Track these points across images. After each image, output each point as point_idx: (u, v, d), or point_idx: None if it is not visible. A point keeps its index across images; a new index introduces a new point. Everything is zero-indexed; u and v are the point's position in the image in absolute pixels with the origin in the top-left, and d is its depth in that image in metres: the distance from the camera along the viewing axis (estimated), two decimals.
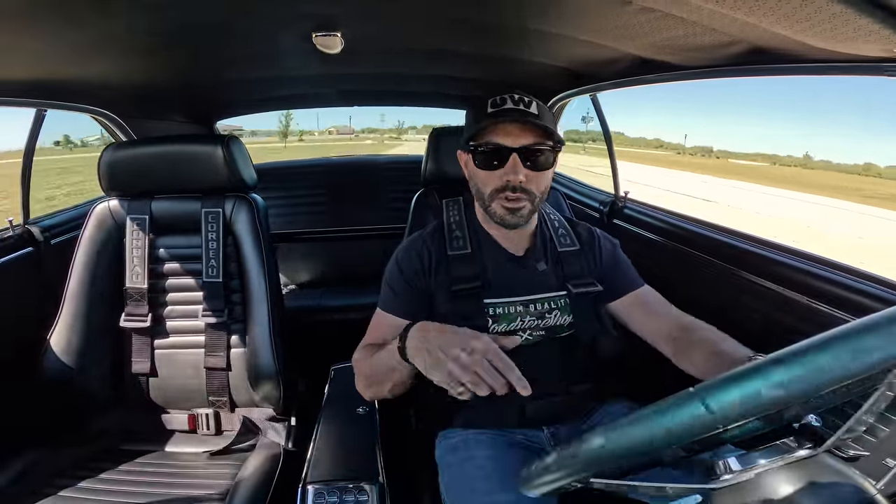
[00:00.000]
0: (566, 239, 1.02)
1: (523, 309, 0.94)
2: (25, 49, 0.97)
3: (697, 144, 76.48)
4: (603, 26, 0.98)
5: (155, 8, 0.89)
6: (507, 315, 0.94)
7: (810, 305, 0.97)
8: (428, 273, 0.96)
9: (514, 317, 0.94)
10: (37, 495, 0.99)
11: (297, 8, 0.97)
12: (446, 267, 0.96)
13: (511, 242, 0.98)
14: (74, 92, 1.40)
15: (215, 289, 1.27)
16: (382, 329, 0.95)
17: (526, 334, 0.94)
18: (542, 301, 0.96)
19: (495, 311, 0.94)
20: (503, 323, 0.94)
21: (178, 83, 1.61)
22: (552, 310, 0.96)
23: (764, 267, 1.10)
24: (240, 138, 1.32)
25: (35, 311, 1.34)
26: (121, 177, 1.26)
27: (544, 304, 0.96)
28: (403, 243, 1.02)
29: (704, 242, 1.30)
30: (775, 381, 0.34)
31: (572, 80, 1.57)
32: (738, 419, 0.36)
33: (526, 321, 0.94)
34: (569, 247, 1.01)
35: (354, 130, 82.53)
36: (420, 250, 0.98)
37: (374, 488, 0.83)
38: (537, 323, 0.95)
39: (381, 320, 0.97)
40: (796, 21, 0.66)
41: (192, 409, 1.30)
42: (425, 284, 0.96)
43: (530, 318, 0.95)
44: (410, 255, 0.97)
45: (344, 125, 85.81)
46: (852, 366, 0.33)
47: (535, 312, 0.95)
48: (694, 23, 0.83)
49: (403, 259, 0.98)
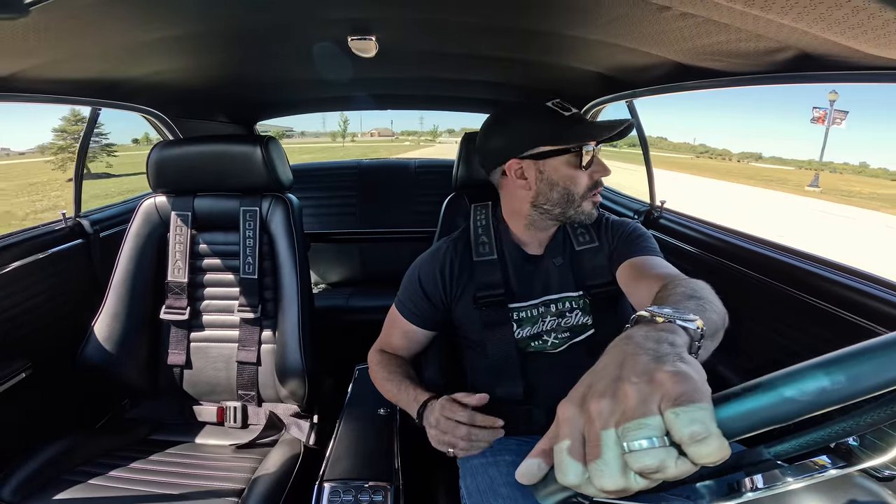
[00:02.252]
0: (585, 236, 0.99)
1: (544, 309, 0.94)
2: (84, 50, 1.02)
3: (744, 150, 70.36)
4: (640, 32, 0.96)
5: (208, 10, 0.93)
6: (529, 318, 0.94)
7: (856, 322, 0.92)
8: (449, 286, 0.97)
9: (535, 319, 0.94)
10: (68, 480, 1.04)
11: (333, 12, 1.00)
12: (470, 274, 0.96)
13: (535, 243, 0.98)
14: (127, 91, 1.47)
15: (251, 285, 1.31)
16: (396, 331, 1.01)
17: (552, 337, 0.94)
18: (561, 301, 0.95)
19: (519, 316, 0.93)
20: (527, 326, 0.93)
21: (223, 84, 1.68)
22: (573, 309, 0.95)
23: (808, 281, 1.05)
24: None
25: (82, 300, 1.43)
26: (167, 174, 1.32)
27: (563, 303, 0.95)
28: (427, 253, 1.03)
29: (745, 255, 1.25)
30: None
31: (608, 86, 1.54)
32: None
33: (547, 321, 0.94)
34: (587, 244, 0.98)
35: (394, 133, 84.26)
36: (442, 263, 0.98)
37: (390, 489, 0.84)
38: (558, 322, 0.94)
39: (395, 320, 1.02)
40: (848, 27, 0.62)
41: (221, 401, 1.34)
42: (445, 299, 0.97)
43: (551, 318, 0.94)
44: (433, 269, 0.98)
45: (385, 128, 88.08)
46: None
47: (555, 312, 0.94)
48: (738, 29, 0.80)
49: (425, 273, 0.99)
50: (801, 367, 0.32)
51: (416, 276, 0.99)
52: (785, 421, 0.32)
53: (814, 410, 0.32)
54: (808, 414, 0.32)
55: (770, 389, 0.32)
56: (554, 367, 0.94)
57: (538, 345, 0.94)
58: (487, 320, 0.93)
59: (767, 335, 1.13)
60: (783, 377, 0.33)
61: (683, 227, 1.53)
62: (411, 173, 2.58)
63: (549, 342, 0.94)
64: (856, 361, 0.31)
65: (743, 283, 1.22)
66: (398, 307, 1.01)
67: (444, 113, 19.88)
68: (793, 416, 0.32)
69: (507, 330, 0.92)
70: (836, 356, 0.32)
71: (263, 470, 1.11)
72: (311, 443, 1.26)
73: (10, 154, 35.08)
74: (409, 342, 1.01)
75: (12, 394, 1.16)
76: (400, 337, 1.01)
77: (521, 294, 0.95)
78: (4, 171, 22.88)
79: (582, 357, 0.95)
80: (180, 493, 1.03)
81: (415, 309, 0.98)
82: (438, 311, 0.98)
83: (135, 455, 1.16)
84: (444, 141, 62.18)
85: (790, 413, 0.32)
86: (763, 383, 0.33)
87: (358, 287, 2.40)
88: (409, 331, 1.00)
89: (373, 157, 5.20)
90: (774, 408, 0.32)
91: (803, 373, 0.32)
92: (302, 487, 1.05)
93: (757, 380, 0.33)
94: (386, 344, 1.03)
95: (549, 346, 0.94)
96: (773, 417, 0.32)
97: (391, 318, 1.02)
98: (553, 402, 0.98)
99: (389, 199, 2.50)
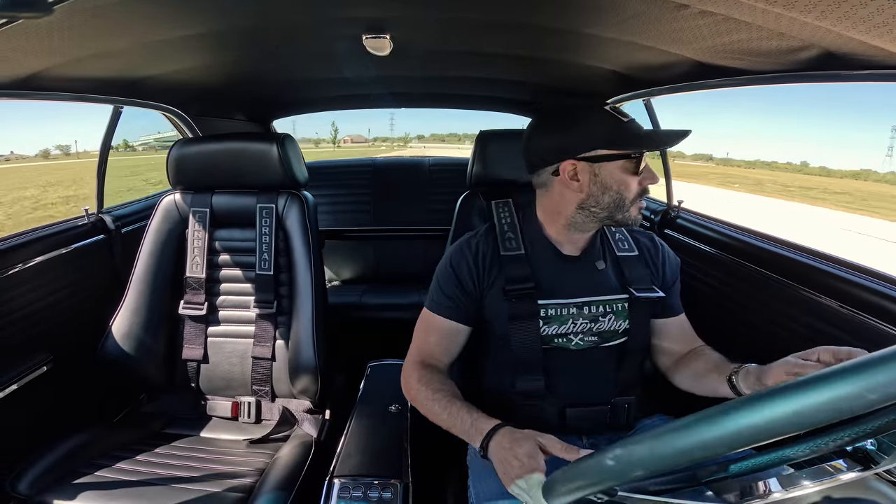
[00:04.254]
0: (624, 244, 1.00)
1: (577, 311, 0.93)
2: (107, 49, 1.04)
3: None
4: (657, 30, 0.95)
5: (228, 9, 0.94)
6: (558, 317, 0.93)
7: (880, 327, 0.90)
8: (481, 275, 0.96)
9: (566, 318, 0.93)
10: (84, 473, 1.07)
11: (348, 11, 1.00)
12: (499, 267, 0.96)
13: (570, 244, 0.97)
14: (148, 90, 1.50)
15: (266, 281, 1.33)
16: (434, 333, 0.96)
17: (577, 338, 0.93)
18: (599, 304, 0.94)
19: (547, 313, 0.93)
20: (554, 324, 0.93)
21: (240, 82, 1.70)
22: (607, 313, 0.94)
23: (830, 284, 1.03)
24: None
25: (103, 296, 1.46)
26: (186, 171, 1.35)
27: (600, 306, 0.94)
28: (456, 245, 1.01)
29: (763, 255, 1.23)
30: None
31: (624, 84, 1.52)
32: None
33: (578, 324, 0.93)
34: (627, 251, 0.99)
35: (367, 139, 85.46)
36: (475, 251, 0.97)
37: (400, 487, 0.84)
38: (590, 326, 0.94)
39: (431, 322, 0.96)
40: (873, 25, 0.61)
41: (235, 396, 1.37)
42: (477, 287, 0.96)
43: (583, 321, 0.93)
44: (465, 256, 0.97)
45: (358, 134, 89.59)
46: None
47: (588, 315, 0.94)
48: (759, 27, 0.79)
49: (457, 261, 0.97)
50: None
51: (449, 269, 0.97)
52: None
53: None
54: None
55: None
56: (573, 363, 0.94)
57: (562, 342, 0.94)
58: (515, 312, 0.92)
59: (788, 338, 1.10)
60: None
61: (701, 227, 1.51)
62: (425, 171, 2.59)
63: (574, 342, 0.94)
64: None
65: (762, 285, 1.19)
66: (432, 307, 0.97)
67: (417, 120, 19.30)
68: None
69: (533, 324, 0.92)
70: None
71: (275, 465, 1.12)
72: (322, 439, 1.27)
73: (70, 154, 36.10)
74: (449, 342, 0.96)
75: (34, 387, 1.19)
76: (438, 338, 0.96)
77: (550, 291, 0.94)
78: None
79: (606, 361, 0.96)
80: (193, 487, 1.05)
81: (451, 304, 0.95)
82: (472, 301, 0.96)
83: (149, 448, 1.19)
84: (413, 146, 69.33)
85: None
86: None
87: (371, 284, 2.42)
88: (445, 329, 0.95)
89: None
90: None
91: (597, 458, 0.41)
92: (313, 483, 1.06)
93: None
94: (422, 352, 0.96)
95: (573, 345, 0.94)
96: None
97: (424, 322, 0.98)
98: (568, 399, 0.99)
99: (403, 197, 2.51)
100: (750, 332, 1.17)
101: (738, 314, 1.25)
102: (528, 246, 0.97)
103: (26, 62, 0.98)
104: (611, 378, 0.96)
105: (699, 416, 0.35)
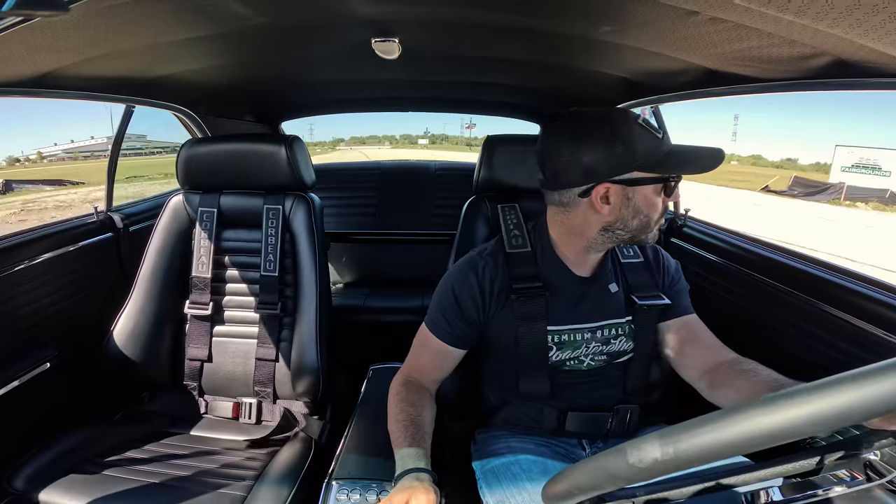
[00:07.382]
0: (629, 250, 0.99)
1: (590, 336, 0.92)
2: (121, 48, 1.05)
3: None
4: (667, 37, 0.94)
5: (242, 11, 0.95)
6: (571, 342, 0.92)
7: (888, 340, 0.88)
8: (487, 303, 0.92)
9: (579, 344, 0.92)
10: (81, 471, 1.06)
11: (358, 14, 1.01)
12: (507, 295, 0.91)
13: (584, 264, 0.93)
14: (159, 89, 1.51)
15: (271, 282, 1.33)
16: (427, 351, 0.94)
17: (588, 359, 0.93)
18: (609, 327, 0.93)
19: (560, 339, 0.91)
20: (567, 350, 0.92)
21: (250, 83, 1.71)
22: (617, 336, 0.93)
23: (837, 294, 1.02)
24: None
25: (110, 293, 1.47)
26: (194, 171, 1.36)
27: (611, 329, 0.93)
28: (460, 265, 0.96)
29: (770, 265, 1.22)
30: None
31: (633, 91, 1.51)
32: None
33: (591, 347, 0.93)
34: (632, 258, 0.98)
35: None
36: (481, 276, 0.92)
37: None
38: (601, 349, 0.93)
39: (426, 339, 0.94)
40: (886, 33, 0.60)
41: (237, 397, 1.36)
42: (482, 316, 0.92)
43: (595, 345, 0.93)
44: (469, 282, 0.92)
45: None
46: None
47: (600, 338, 0.93)
48: (770, 34, 0.78)
49: (460, 287, 0.92)
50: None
51: (451, 295, 0.92)
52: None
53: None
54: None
55: None
56: (581, 376, 0.95)
57: (573, 364, 0.93)
58: (523, 312, 0.90)
59: (794, 350, 1.09)
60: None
61: (708, 236, 1.50)
62: (431, 176, 2.59)
63: (585, 363, 0.93)
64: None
65: (768, 295, 1.18)
66: (430, 327, 0.94)
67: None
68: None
69: (540, 324, 0.90)
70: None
71: (274, 466, 1.12)
72: (323, 440, 1.27)
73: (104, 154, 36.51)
74: (442, 361, 0.94)
75: (37, 383, 1.19)
76: (430, 357, 0.94)
77: (565, 317, 0.91)
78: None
79: (612, 375, 0.96)
80: (191, 486, 1.05)
81: (449, 329, 0.91)
82: (474, 329, 0.93)
83: (149, 447, 1.18)
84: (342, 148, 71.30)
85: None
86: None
87: (375, 287, 2.42)
88: (440, 350, 0.93)
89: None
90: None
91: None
92: (311, 484, 1.05)
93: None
94: (413, 368, 0.95)
95: (585, 366, 0.93)
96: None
97: (421, 339, 0.95)
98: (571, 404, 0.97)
99: (409, 200, 2.51)
100: (757, 342, 1.15)
101: (745, 324, 1.24)
102: (540, 265, 0.93)
103: (41, 60, 0.99)
104: (617, 385, 0.96)
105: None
